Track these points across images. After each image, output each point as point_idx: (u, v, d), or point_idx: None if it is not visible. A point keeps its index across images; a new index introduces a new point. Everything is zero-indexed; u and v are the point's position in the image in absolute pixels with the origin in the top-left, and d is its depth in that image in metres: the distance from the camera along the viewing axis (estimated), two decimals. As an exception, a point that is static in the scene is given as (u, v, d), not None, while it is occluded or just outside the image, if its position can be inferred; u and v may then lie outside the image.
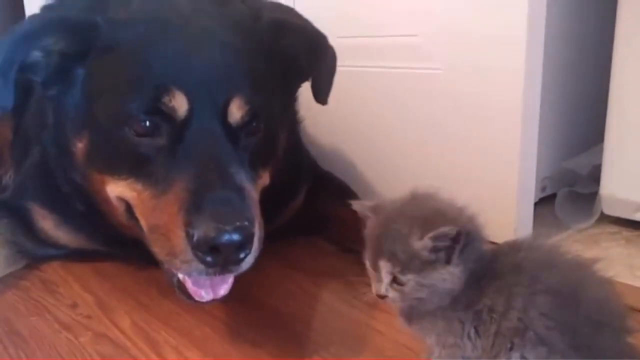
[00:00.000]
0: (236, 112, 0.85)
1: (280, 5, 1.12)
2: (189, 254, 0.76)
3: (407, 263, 0.62)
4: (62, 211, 1.11)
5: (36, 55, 0.88)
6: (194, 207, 0.76)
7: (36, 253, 1.17)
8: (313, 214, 1.24)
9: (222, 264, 0.76)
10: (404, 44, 1.22)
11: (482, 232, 0.66)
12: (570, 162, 1.32)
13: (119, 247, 1.10)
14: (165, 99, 0.82)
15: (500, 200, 1.11)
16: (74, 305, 1.01)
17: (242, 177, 0.83)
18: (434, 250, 0.61)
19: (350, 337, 0.87)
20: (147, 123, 0.83)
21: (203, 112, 0.83)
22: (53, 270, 1.14)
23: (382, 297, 0.65)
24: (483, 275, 0.64)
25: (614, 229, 1.18)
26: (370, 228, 0.67)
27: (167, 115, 0.83)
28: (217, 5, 0.98)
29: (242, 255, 0.76)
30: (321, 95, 0.99)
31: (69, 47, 0.89)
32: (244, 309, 0.96)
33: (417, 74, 1.21)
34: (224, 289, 0.85)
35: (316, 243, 1.21)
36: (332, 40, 1.40)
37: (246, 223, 0.76)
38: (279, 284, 1.05)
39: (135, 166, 0.86)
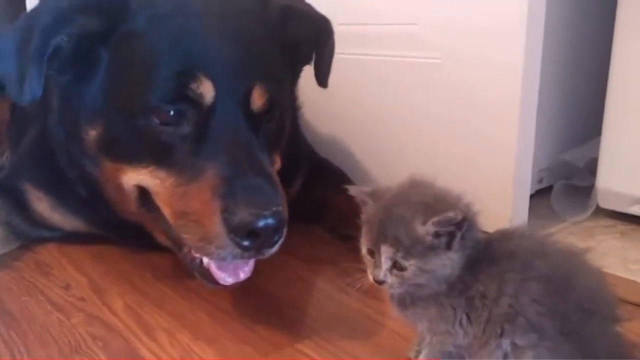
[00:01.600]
0: (258, 100, 0.86)
1: None
2: (224, 239, 0.77)
3: (410, 248, 0.62)
4: (58, 194, 1.11)
5: (60, 41, 0.84)
6: (228, 193, 0.78)
7: (31, 234, 1.17)
8: (310, 201, 1.24)
9: (258, 247, 0.78)
10: (403, 33, 1.22)
11: (478, 218, 0.66)
12: (567, 154, 1.32)
13: (116, 231, 1.10)
14: (193, 85, 0.82)
15: (497, 191, 1.11)
16: (67, 287, 1.01)
17: (267, 163, 0.85)
18: (436, 235, 0.62)
19: (342, 323, 0.87)
20: (172, 111, 0.83)
21: (227, 99, 0.84)
22: (47, 252, 1.14)
23: (380, 283, 0.65)
24: (477, 261, 0.64)
25: (609, 222, 1.18)
26: (369, 213, 0.68)
27: (194, 102, 0.83)
28: None
29: (276, 238, 0.79)
30: (323, 79, 1.01)
31: (98, 27, 0.86)
32: (237, 294, 0.96)
33: (415, 63, 1.21)
34: (245, 272, 0.86)
35: (312, 230, 1.21)
36: (333, 28, 1.40)
37: (280, 208, 0.78)
38: (274, 270, 1.05)
39: (157, 154, 0.85)
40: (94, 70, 0.88)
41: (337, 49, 1.36)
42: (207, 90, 0.82)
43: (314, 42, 1.00)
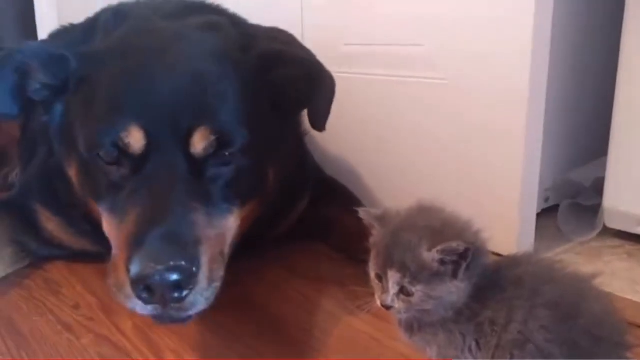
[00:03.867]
0: (199, 142, 0.83)
1: (279, 32, 1.10)
2: (129, 290, 0.74)
3: (417, 274, 0.62)
4: (66, 215, 1.12)
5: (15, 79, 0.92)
6: (135, 242, 0.75)
7: (40, 253, 1.18)
8: (316, 220, 1.24)
9: (160, 302, 0.73)
10: (410, 53, 1.23)
11: (486, 246, 0.66)
12: (573, 173, 1.32)
13: None
14: (123, 135, 0.82)
15: (503, 210, 1.11)
16: (77, 306, 1.01)
17: (196, 212, 0.80)
18: (442, 262, 0.62)
19: (350, 345, 0.87)
20: (114, 153, 0.84)
21: (164, 144, 0.82)
22: (57, 270, 1.15)
23: (388, 308, 0.65)
24: (485, 288, 0.65)
25: (616, 242, 1.18)
26: (378, 238, 0.68)
27: (126, 151, 0.83)
28: (203, 31, 0.97)
29: (176, 295, 0.73)
30: (317, 124, 0.97)
31: (45, 77, 0.92)
32: (244, 314, 0.97)
33: (422, 83, 1.22)
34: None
35: (318, 249, 1.21)
36: (339, 48, 1.41)
37: (183, 263, 0.73)
38: (279, 290, 1.05)
39: (106, 193, 0.87)
40: (55, 117, 0.95)
41: (345, 68, 1.38)
42: (136, 139, 0.82)
43: (305, 87, 0.95)
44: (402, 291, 0.64)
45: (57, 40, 1.26)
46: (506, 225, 1.11)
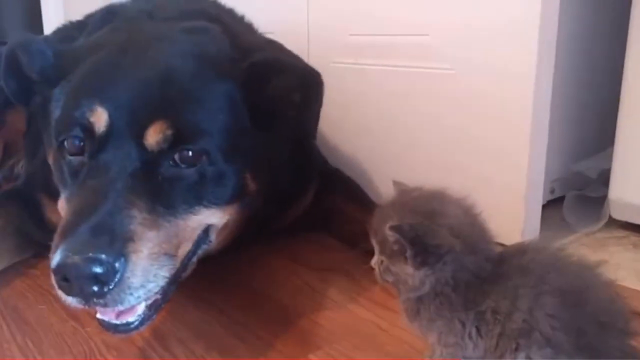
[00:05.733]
0: (153, 135, 0.81)
1: (269, 43, 1.10)
2: (53, 279, 0.72)
3: (382, 245, 0.67)
4: None
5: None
6: (64, 232, 0.74)
7: (45, 242, 1.17)
8: (322, 211, 1.25)
9: (80, 295, 0.71)
10: (415, 43, 1.23)
11: (481, 246, 0.66)
12: (579, 165, 1.32)
13: None
14: (88, 114, 0.82)
15: (509, 201, 1.11)
16: (82, 295, 1.01)
17: (135, 208, 0.77)
18: (395, 242, 0.64)
19: (354, 333, 0.88)
20: (77, 141, 0.84)
21: (122, 133, 0.81)
22: (62, 260, 1.15)
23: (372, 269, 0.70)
24: (486, 277, 0.65)
25: (621, 233, 1.18)
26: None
27: (89, 131, 0.82)
28: (186, 33, 0.97)
29: (95, 288, 0.70)
30: (308, 133, 0.95)
31: (27, 68, 0.96)
32: (250, 304, 0.97)
33: (428, 73, 1.21)
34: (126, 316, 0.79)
35: (323, 239, 1.22)
36: (345, 38, 1.41)
37: (103, 256, 0.70)
38: (285, 279, 1.06)
39: (68, 183, 0.86)
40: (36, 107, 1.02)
41: (350, 58, 1.37)
42: (98, 119, 0.82)
43: (298, 96, 0.93)
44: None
45: (57, 35, 1.27)
46: (512, 217, 1.11)
